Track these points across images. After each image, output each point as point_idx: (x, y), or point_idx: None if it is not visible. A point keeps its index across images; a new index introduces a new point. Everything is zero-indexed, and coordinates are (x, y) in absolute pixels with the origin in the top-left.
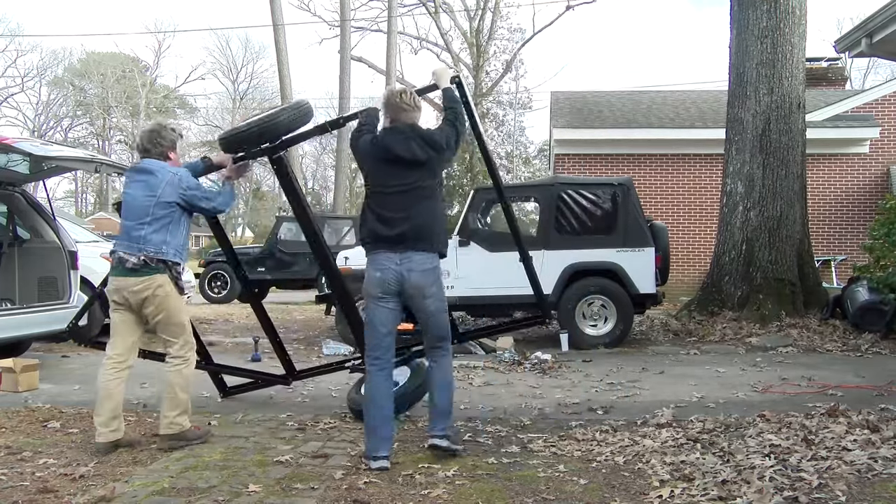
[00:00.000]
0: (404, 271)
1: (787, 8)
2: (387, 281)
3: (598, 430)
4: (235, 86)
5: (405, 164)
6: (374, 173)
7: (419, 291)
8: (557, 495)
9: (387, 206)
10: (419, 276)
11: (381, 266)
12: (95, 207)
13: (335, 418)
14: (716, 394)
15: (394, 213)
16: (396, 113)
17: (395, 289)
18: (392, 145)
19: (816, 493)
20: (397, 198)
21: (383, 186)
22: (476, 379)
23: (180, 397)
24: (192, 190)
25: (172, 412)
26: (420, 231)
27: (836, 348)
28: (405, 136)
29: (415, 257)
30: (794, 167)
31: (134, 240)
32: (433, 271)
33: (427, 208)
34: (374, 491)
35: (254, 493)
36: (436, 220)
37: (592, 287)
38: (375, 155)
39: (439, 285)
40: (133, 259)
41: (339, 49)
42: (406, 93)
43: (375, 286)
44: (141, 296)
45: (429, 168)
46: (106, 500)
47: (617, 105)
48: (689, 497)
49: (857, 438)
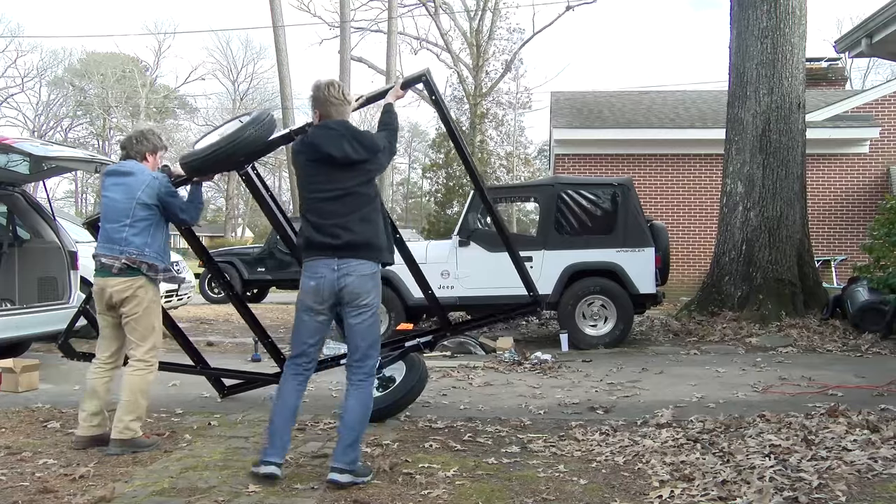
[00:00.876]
0: (341, 277)
1: (787, 8)
2: (322, 290)
3: (598, 431)
4: (235, 86)
5: (337, 165)
6: (306, 177)
7: (354, 298)
8: (557, 495)
9: (323, 214)
10: (356, 281)
11: (316, 274)
12: (95, 207)
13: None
14: (716, 394)
15: (331, 220)
16: (325, 108)
17: (330, 300)
18: (321, 143)
19: (816, 493)
20: (334, 205)
21: (318, 192)
22: (476, 379)
23: (139, 402)
24: (171, 197)
25: (128, 416)
26: (360, 240)
27: (836, 348)
28: (337, 134)
29: (353, 262)
30: (794, 167)
31: (115, 242)
32: (372, 278)
33: (367, 216)
34: (374, 491)
35: (254, 494)
36: (378, 230)
37: (592, 287)
38: (306, 155)
39: (377, 296)
40: (115, 263)
41: (339, 49)
42: (334, 85)
43: (309, 296)
44: (122, 295)
45: (363, 172)
46: (106, 500)
47: (617, 105)
48: (689, 497)
49: (857, 438)
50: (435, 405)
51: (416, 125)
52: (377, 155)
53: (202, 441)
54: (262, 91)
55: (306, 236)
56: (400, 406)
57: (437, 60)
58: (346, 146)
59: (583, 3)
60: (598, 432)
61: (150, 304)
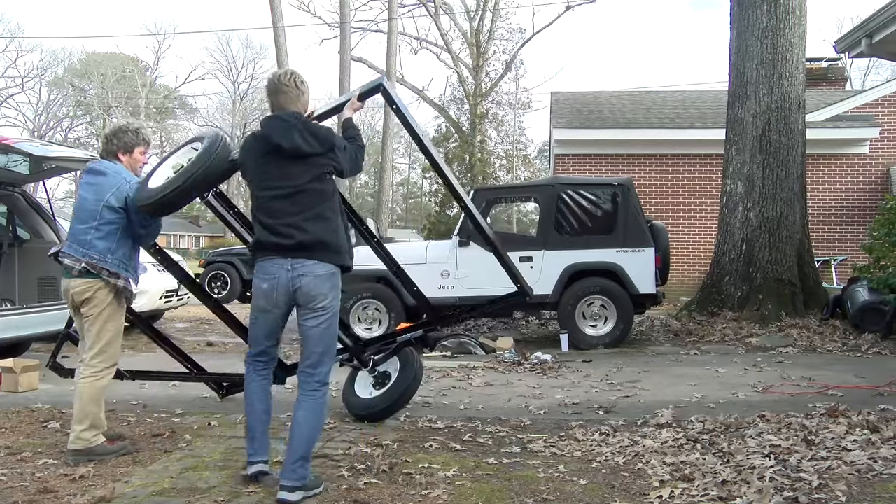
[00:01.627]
0: (294, 278)
1: (787, 8)
2: (275, 292)
3: (598, 431)
4: (236, 86)
5: (288, 158)
6: (256, 172)
7: (310, 300)
8: (557, 495)
9: (275, 214)
10: (312, 281)
11: (269, 275)
12: None
13: (335, 418)
14: (716, 394)
15: (283, 219)
16: (276, 96)
17: (285, 300)
18: (271, 133)
19: (816, 493)
20: (285, 203)
21: (268, 189)
22: (476, 379)
23: (89, 410)
24: (133, 211)
25: (79, 426)
26: (315, 240)
27: (836, 348)
28: (287, 125)
29: (308, 262)
30: (793, 167)
31: (80, 244)
32: (329, 279)
33: (322, 214)
34: (374, 491)
35: (253, 494)
36: (333, 228)
37: (592, 287)
38: (256, 149)
39: (335, 298)
40: (76, 266)
41: (339, 50)
42: (286, 74)
43: (261, 299)
44: (81, 297)
45: (316, 166)
46: (106, 500)
47: (617, 105)
48: (689, 497)
49: (857, 439)
50: (435, 405)
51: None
52: (333, 150)
53: (202, 441)
54: (262, 91)
55: (257, 237)
56: (398, 405)
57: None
58: (297, 137)
59: (582, 3)
60: (598, 432)
61: (107, 310)
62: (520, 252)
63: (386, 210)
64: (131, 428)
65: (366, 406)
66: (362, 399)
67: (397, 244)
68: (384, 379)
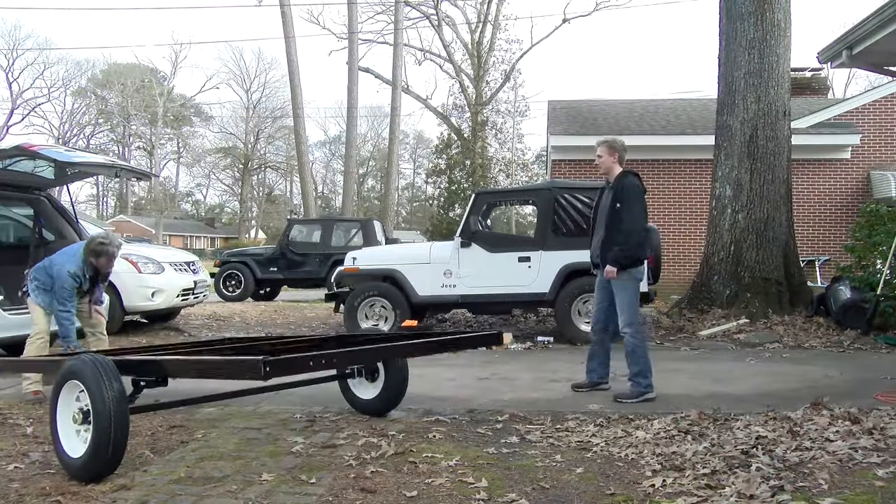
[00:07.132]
0: None
1: (772, 21)
2: None
3: (594, 422)
4: (249, 95)
5: None
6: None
7: None
8: (554, 484)
9: None
10: None
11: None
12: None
13: (343, 411)
14: (705, 388)
15: None
16: None
17: None
18: None
19: (801, 481)
20: None
21: None
22: (477, 372)
23: None
24: (59, 289)
25: None
26: None
27: (820, 344)
28: None
29: None
30: (780, 172)
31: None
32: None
33: None
34: (380, 480)
35: (266, 482)
36: None
37: (587, 286)
38: None
39: None
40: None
41: (347, 60)
42: None
43: None
44: None
45: None
46: (126, 487)
47: (611, 113)
48: (679, 486)
49: (839, 430)
50: (437, 398)
51: (420, 133)
52: None
53: (217, 432)
54: (273, 100)
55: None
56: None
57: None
58: None
59: (578, 16)
60: (594, 424)
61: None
62: (519, 252)
63: (392, 213)
64: (149, 419)
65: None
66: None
67: (403, 245)
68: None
